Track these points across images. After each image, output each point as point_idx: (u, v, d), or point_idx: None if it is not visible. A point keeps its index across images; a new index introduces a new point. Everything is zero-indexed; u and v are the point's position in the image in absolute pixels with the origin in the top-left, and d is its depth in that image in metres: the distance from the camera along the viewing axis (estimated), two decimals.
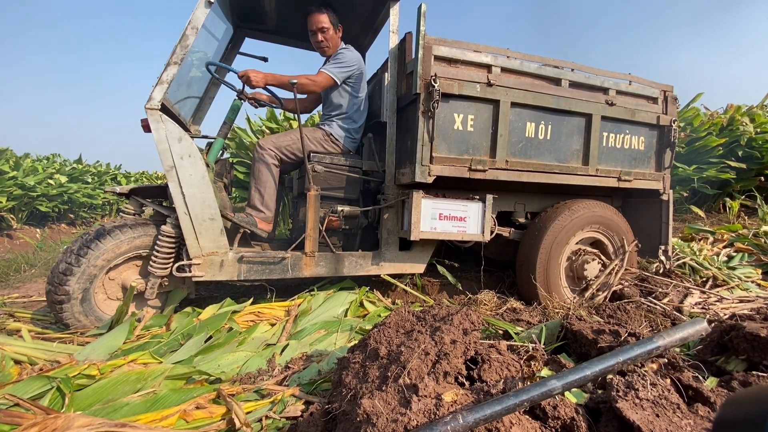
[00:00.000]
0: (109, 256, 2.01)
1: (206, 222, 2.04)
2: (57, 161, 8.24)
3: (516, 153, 2.31)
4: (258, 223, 2.25)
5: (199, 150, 2.05)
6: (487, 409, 0.86)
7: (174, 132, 1.95)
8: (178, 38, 1.97)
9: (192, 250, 2.04)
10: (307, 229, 2.21)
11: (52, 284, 1.95)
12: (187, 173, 1.98)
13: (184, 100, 2.43)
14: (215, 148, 2.30)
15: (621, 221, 2.63)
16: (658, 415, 1.00)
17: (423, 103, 2.08)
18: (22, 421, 1.09)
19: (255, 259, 2.15)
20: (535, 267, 2.37)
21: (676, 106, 2.71)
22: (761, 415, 0.43)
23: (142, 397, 1.36)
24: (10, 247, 5.29)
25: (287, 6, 2.54)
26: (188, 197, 1.99)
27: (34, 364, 1.62)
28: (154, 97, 1.93)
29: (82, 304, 1.99)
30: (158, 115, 1.93)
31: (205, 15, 2.01)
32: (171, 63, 1.95)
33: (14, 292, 2.98)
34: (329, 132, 2.44)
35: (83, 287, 1.97)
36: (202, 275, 2.06)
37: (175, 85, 2.02)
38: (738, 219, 4.47)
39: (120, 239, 2.03)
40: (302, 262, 2.23)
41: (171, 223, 2.07)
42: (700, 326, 1.09)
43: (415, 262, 2.46)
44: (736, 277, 2.72)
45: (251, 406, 1.35)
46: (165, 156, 1.95)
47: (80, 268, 1.95)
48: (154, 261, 2.07)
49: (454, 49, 2.16)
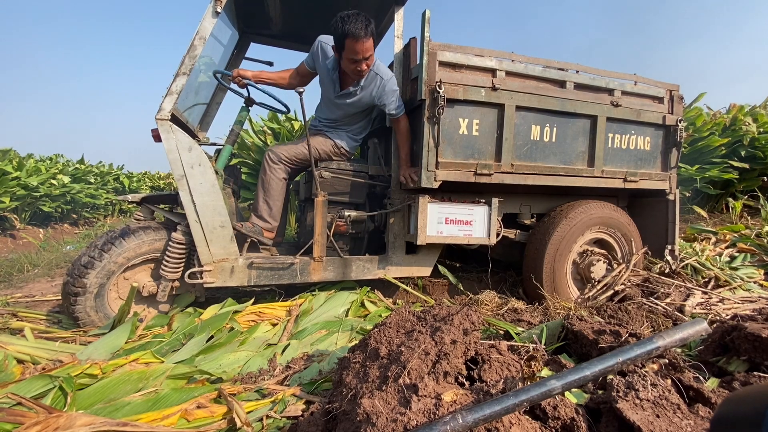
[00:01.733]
0: (130, 255, 2.06)
1: (217, 229, 2.06)
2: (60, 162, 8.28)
3: (521, 156, 2.31)
4: (264, 234, 2.27)
5: (208, 158, 2.07)
6: (486, 409, 0.86)
7: (184, 142, 1.97)
8: (187, 49, 1.98)
9: (203, 257, 2.06)
10: (315, 234, 2.22)
11: (71, 275, 1.99)
12: (197, 182, 2.00)
13: (192, 107, 2.45)
14: (224, 156, 2.32)
15: (627, 222, 2.62)
16: (659, 415, 0.99)
17: (428, 108, 2.08)
18: (25, 419, 1.10)
19: (264, 264, 2.17)
20: (541, 268, 2.37)
21: (682, 105, 2.70)
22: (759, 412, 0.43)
23: (144, 396, 1.37)
24: (13, 247, 5.31)
25: (292, 11, 2.54)
26: (199, 205, 2.01)
27: (36, 364, 1.63)
28: (164, 107, 1.95)
29: (95, 299, 2.02)
30: (168, 126, 1.95)
31: (212, 25, 2.02)
32: (180, 73, 1.96)
33: (17, 291, 3.00)
34: (340, 145, 2.41)
35: (100, 282, 2.01)
36: (213, 281, 2.08)
37: (184, 93, 2.03)
38: (741, 219, 4.45)
39: (143, 239, 2.08)
40: (311, 267, 2.24)
41: (181, 230, 2.09)
42: (701, 326, 1.09)
43: (422, 266, 2.46)
44: (738, 277, 2.71)
45: (252, 405, 1.36)
46: (175, 165, 1.97)
47: (101, 263, 1.99)
48: (166, 265, 2.10)
49: (458, 54, 2.16)
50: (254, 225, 2.25)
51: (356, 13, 1.98)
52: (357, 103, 2.28)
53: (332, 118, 2.42)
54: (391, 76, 2.22)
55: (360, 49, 2.02)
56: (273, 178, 2.26)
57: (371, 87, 2.22)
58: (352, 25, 1.95)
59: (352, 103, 2.29)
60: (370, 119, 2.48)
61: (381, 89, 2.20)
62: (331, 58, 2.23)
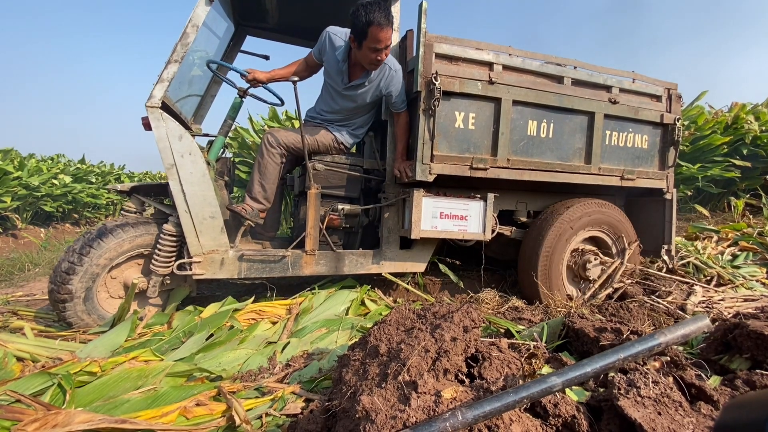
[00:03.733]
0: (112, 255, 2.02)
1: (207, 220, 2.04)
2: (61, 161, 8.29)
3: (518, 151, 2.30)
4: (259, 215, 2.27)
5: (199, 148, 2.05)
6: (486, 406, 0.86)
7: (174, 130, 1.95)
8: (179, 36, 1.97)
9: (192, 248, 2.04)
10: (308, 227, 2.20)
11: (54, 283, 1.95)
12: (187, 171, 1.98)
13: (185, 98, 2.43)
14: (216, 147, 2.31)
15: (624, 220, 2.61)
16: (660, 413, 0.99)
17: (424, 101, 2.07)
18: (23, 417, 1.09)
19: (255, 257, 2.15)
20: (536, 266, 2.36)
21: (680, 103, 2.69)
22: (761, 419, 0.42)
23: (143, 393, 1.36)
24: (14, 247, 5.32)
25: (288, 4, 2.53)
26: (189, 195, 1.99)
27: (36, 361, 1.63)
28: (154, 95, 1.93)
29: (84, 303, 1.99)
30: (159, 113, 1.93)
31: (205, 13, 2.01)
32: (171, 61, 1.95)
33: (18, 290, 3.00)
34: (341, 140, 2.39)
35: (86, 286, 1.98)
36: (202, 273, 2.06)
37: (177, 83, 2.02)
38: (743, 218, 4.43)
39: (122, 238, 2.03)
40: (302, 260, 2.22)
41: (173, 221, 2.07)
42: (702, 323, 1.08)
43: (416, 261, 2.45)
44: (740, 276, 2.70)
45: (251, 403, 1.35)
46: (165, 154, 1.95)
47: (83, 267, 1.95)
48: (156, 259, 2.07)
49: (455, 46, 2.15)
50: (251, 208, 2.23)
51: (377, 1, 1.97)
52: (365, 95, 2.27)
53: (335, 110, 2.39)
54: (399, 69, 2.23)
55: (383, 38, 2.00)
56: (270, 161, 2.24)
57: (380, 77, 2.21)
58: (376, 14, 1.94)
59: (361, 95, 2.27)
60: (371, 116, 2.47)
61: (389, 80, 2.20)
62: (340, 49, 2.20)
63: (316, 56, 2.32)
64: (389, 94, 2.22)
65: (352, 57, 2.18)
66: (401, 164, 2.25)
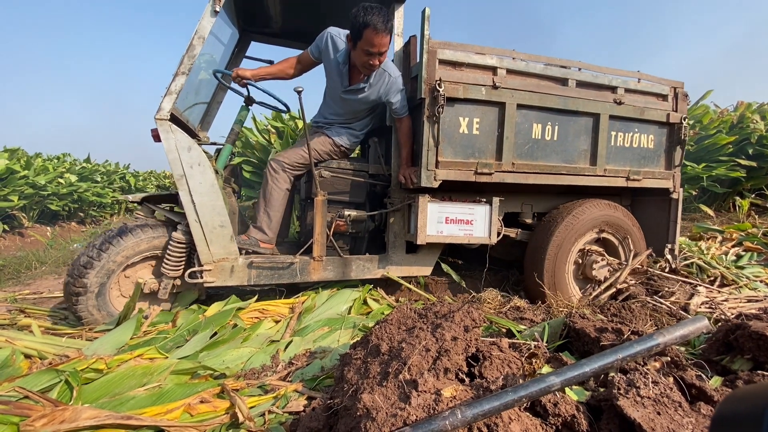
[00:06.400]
0: (129, 254, 2.06)
1: (216, 229, 2.06)
2: (67, 161, 8.37)
3: (522, 155, 2.30)
4: (260, 245, 2.25)
5: (208, 157, 2.07)
6: (485, 405, 0.87)
7: (183, 141, 1.97)
8: (186, 48, 1.98)
9: (203, 256, 2.07)
10: (315, 233, 2.22)
11: (71, 276, 2.00)
12: (196, 182, 2.01)
13: (192, 106, 2.45)
14: (224, 155, 2.33)
15: (630, 221, 2.60)
16: (660, 413, 0.99)
17: (428, 107, 2.07)
18: (31, 412, 1.12)
19: (264, 264, 2.18)
20: (542, 268, 2.36)
21: (686, 102, 2.67)
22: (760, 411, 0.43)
23: (148, 390, 1.38)
24: (21, 245, 5.39)
25: (292, 9, 2.55)
26: (198, 205, 2.02)
27: (43, 359, 1.66)
28: (163, 107, 1.95)
29: (97, 298, 2.04)
30: (168, 125, 1.95)
31: (211, 24, 2.02)
32: (179, 73, 1.96)
33: (25, 288, 3.04)
34: (339, 143, 2.39)
35: (100, 281, 2.02)
36: (213, 281, 2.09)
37: (184, 92, 2.03)
38: (748, 218, 4.41)
39: (140, 238, 2.08)
40: (311, 266, 2.24)
41: (182, 229, 2.10)
42: (701, 324, 1.08)
43: (422, 265, 2.45)
44: (744, 276, 2.69)
45: (254, 400, 1.37)
46: (175, 165, 1.98)
47: (100, 263, 2.00)
48: (167, 264, 2.11)
49: (458, 52, 2.14)
50: (250, 237, 2.23)
51: (379, 6, 1.97)
52: (364, 100, 2.27)
53: (337, 113, 2.40)
54: (399, 75, 2.22)
55: (377, 42, 1.99)
56: (275, 188, 2.25)
57: (379, 84, 2.21)
58: (374, 17, 1.94)
59: (360, 99, 2.27)
60: (373, 116, 2.47)
61: (389, 87, 2.20)
62: (341, 51, 2.20)
63: (314, 54, 2.29)
64: (389, 101, 2.22)
65: (352, 60, 2.19)
66: (406, 170, 2.25)
